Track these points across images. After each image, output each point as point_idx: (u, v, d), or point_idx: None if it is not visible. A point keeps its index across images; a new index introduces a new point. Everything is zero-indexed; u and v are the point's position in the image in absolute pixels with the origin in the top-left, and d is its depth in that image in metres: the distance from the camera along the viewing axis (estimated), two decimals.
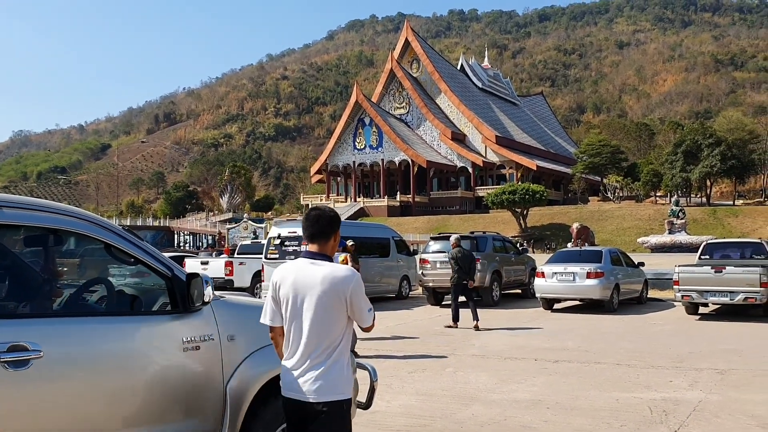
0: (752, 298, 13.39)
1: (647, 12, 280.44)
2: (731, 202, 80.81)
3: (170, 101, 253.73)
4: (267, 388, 3.84)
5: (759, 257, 15.29)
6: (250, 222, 72.78)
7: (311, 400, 3.18)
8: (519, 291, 19.96)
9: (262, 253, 18.22)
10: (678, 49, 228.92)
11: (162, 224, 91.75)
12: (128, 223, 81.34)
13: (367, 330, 3.47)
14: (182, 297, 3.58)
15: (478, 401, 7.15)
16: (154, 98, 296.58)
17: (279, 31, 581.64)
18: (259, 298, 16.54)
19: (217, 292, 3.94)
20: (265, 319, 3.43)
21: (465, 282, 13.26)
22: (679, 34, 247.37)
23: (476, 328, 12.84)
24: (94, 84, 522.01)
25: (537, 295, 16.62)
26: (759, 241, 16.99)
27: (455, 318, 13.26)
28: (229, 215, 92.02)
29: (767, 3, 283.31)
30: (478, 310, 13.18)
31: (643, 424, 6.21)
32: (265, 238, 22.77)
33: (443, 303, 18.17)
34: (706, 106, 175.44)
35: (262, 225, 69.55)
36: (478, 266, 17.02)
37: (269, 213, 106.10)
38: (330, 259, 3.40)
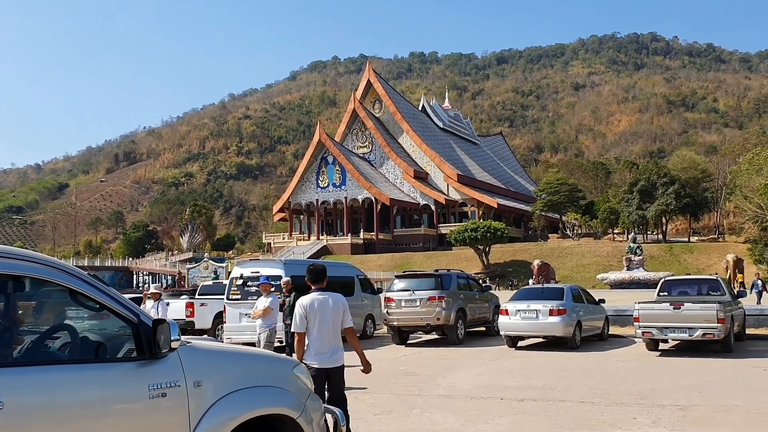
0: (710, 333, 13.63)
1: (601, 55, 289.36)
2: (686, 239, 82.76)
3: (130, 140, 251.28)
4: None
5: (715, 293, 15.59)
6: (210, 261, 71.85)
7: (334, 366, 6.24)
8: (483, 329, 19.96)
9: (223, 294, 17.95)
10: (632, 90, 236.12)
11: (121, 264, 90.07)
12: (86, 264, 79.59)
13: (349, 329, 6.47)
14: (148, 343, 3.53)
15: None
16: (113, 137, 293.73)
17: (241, 71, 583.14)
18: (221, 340, 16.26)
19: (183, 337, 3.89)
20: (296, 327, 6.35)
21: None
22: (633, 76, 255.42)
23: None
24: (51, 122, 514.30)
25: (501, 332, 16.66)
26: (715, 277, 17.36)
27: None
28: (190, 255, 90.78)
29: (715, 47, 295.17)
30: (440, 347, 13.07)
31: None
32: (227, 278, 22.47)
33: (408, 342, 18.11)
34: (660, 146, 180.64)
35: (223, 264, 68.73)
36: (443, 304, 17.08)
37: (230, 252, 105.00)
38: (327, 290, 6.54)
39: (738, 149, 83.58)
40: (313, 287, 6.52)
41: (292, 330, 6.52)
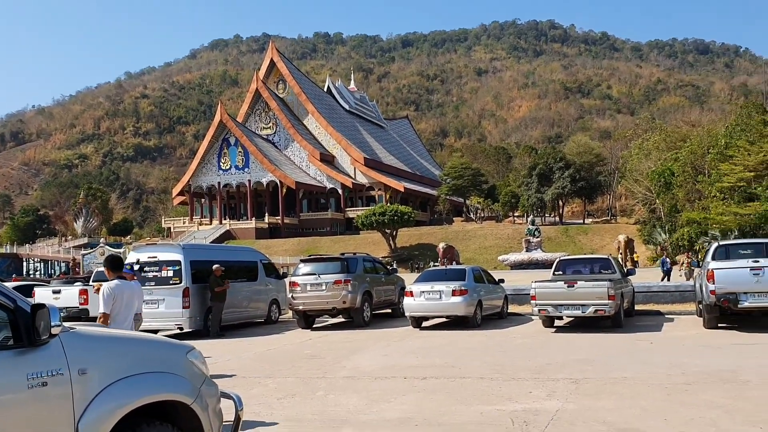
0: (601, 310, 14.31)
1: (503, 41, 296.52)
2: (582, 221, 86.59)
3: (18, 119, 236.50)
4: (126, 420, 3.62)
5: (607, 272, 16.38)
6: (107, 247, 69.14)
7: None
8: (389, 311, 20.17)
9: None
10: (531, 77, 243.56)
11: (9, 251, 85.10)
12: None
13: (140, 314, 7.85)
14: (27, 329, 3.31)
15: (348, 423, 7.12)
16: None
17: (138, 48, 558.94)
18: None
19: (68, 323, 3.67)
20: (102, 308, 7.16)
21: None
22: (532, 62, 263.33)
23: None
24: None
25: (406, 313, 16.87)
26: (606, 256, 18.24)
27: None
28: (85, 240, 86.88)
29: (609, 36, 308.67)
30: (346, 330, 13.12)
31: None
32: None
33: (314, 326, 18.06)
34: (558, 131, 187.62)
35: (121, 250, 66.25)
36: (349, 287, 17.08)
37: (128, 237, 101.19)
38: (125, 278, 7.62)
39: (629, 135, 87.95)
40: (112, 275, 7.32)
41: (100, 311, 7.18)
